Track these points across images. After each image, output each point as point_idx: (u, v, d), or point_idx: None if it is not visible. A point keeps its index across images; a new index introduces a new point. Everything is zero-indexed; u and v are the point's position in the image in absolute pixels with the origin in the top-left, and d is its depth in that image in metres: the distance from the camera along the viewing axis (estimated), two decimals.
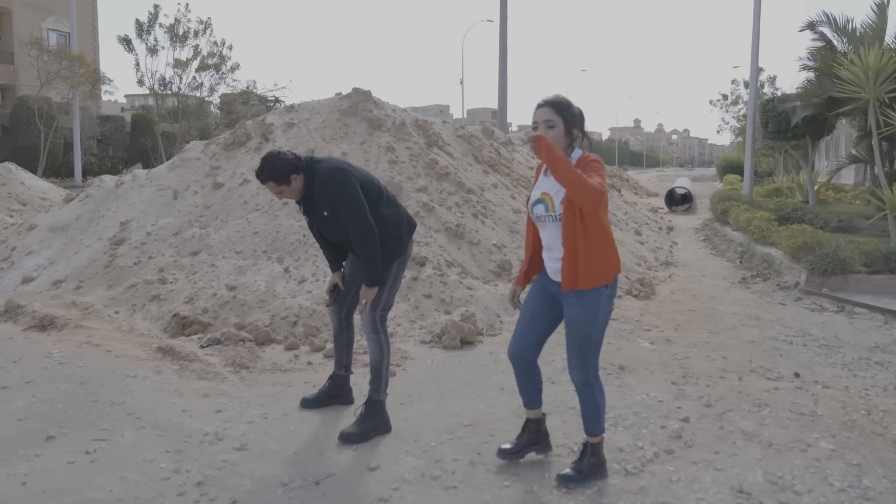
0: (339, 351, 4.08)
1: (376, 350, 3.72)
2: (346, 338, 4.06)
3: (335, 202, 3.55)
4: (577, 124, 3.05)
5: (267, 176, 3.58)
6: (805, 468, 3.29)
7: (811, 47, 13.12)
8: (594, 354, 3.10)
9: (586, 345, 3.06)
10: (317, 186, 3.59)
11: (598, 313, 3.01)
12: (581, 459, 3.19)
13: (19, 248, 7.81)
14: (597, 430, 3.17)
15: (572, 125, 3.03)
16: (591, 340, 3.06)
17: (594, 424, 3.16)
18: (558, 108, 3.02)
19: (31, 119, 26.67)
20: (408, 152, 8.32)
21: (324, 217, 3.68)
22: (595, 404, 3.14)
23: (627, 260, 8.79)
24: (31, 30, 30.34)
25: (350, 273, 3.94)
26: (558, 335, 5.63)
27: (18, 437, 3.59)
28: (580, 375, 3.12)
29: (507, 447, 3.35)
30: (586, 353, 3.08)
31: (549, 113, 3.01)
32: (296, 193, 3.66)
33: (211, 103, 34.21)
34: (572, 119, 3.04)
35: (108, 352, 5.03)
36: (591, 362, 3.10)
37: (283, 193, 3.67)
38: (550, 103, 3.03)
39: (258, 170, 3.62)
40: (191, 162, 8.67)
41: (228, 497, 3.01)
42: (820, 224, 10.41)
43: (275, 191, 3.65)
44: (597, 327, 3.04)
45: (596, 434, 3.17)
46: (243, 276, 6.18)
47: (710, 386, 4.45)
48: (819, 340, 5.61)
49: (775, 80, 35.00)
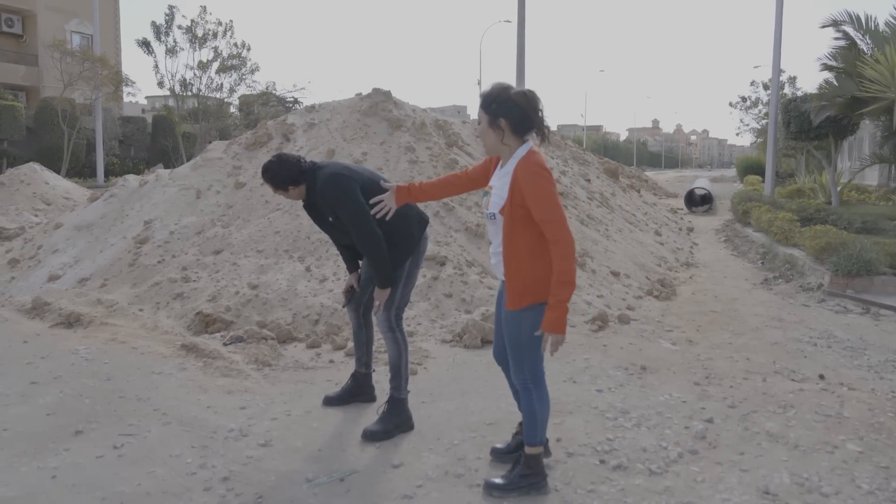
0: (360, 349, 4.11)
1: (393, 349, 3.74)
2: (365, 336, 4.08)
3: (336, 207, 3.57)
4: (500, 113, 2.79)
5: (267, 178, 3.71)
6: (832, 470, 3.25)
7: (834, 46, 12.99)
8: (529, 359, 2.91)
9: (517, 348, 2.91)
10: (318, 193, 3.63)
11: (523, 318, 2.85)
12: (513, 468, 3.04)
13: (45, 247, 7.93)
14: (532, 439, 2.98)
15: (496, 116, 2.80)
16: (521, 344, 2.89)
17: (530, 433, 2.98)
18: (482, 102, 2.83)
19: (54, 120, 27.06)
20: (428, 152, 8.34)
21: (329, 222, 3.73)
22: (531, 412, 2.96)
23: (647, 260, 8.75)
24: (55, 32, 30.79)
25: (366, 272, 3.96)
26: (579, 336, 5.62)
27: (48, 431, 3.65)
28: (517, 378, 2.98)
29: (498, 447, 3.34)
30: (518, 357, 2.92)
31: (479, 112, 2.85)
32: (297, 197, 3.74)
33: (230, 104, 34.54)
34: (493, 110, 2.80)
35: (134, 349, 5.10)
36: (527, 367, 2.92)
37: (283, 195, 3.77)
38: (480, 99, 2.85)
39: (262, 168, 3.73)
40: (213, 162, 8.75)
41: (254, 492, 3.04)
42: (843, 225, 10.28)
43: (274, 192, 3.78)
44: (524, 330, 2.86)
45: (531, 444, 2.98)
46: (265, 275, 6.23)
47: (733, 387, 4.41)
48: (844, 342, 5.54)
49: (795, 81, 34.70)
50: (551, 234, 2.72)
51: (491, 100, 2.82)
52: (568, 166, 12.89)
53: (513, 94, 2.80)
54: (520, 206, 2.76)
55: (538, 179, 2.73)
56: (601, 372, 4.68)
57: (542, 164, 2.79)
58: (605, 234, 9.00)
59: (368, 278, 3.91)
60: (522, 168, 2.76)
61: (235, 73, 32.00)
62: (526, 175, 2.74)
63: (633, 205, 13.36)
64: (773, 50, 16.41)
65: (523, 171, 2.75)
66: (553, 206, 2.72)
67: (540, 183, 2.72)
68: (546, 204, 2.71)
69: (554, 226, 2.71)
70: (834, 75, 12.90)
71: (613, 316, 6.12)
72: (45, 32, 31.65)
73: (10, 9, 32.02)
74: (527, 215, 2.76)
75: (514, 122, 2.80)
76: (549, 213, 2.71)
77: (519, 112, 2.79)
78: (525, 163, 2.78)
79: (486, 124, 2.84)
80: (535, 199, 2.72)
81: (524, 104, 2.80)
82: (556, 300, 2.71)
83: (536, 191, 2.72)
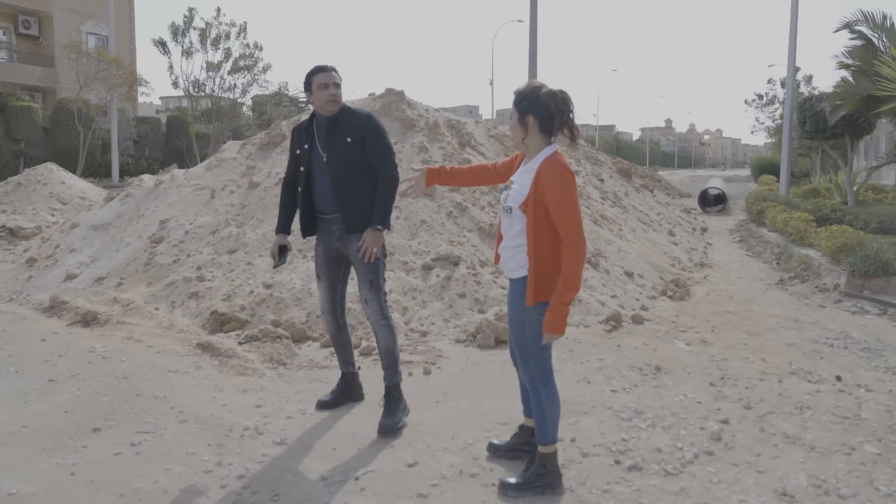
0: (344, 350, 4.10)
1: (388, 336, 3.80)
2: (345, 336, 4.09)
3: (373, 136, 3.77)
4: (530, 111, 2.85)
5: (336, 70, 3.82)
6: (849, 472, 3.23)
7: (849, 46, 12.87)
8: (535, 358, 2.95)
9: (522, 346, 2.97)
10: (353, 116, 3.79)
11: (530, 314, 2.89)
12: (528, 468, 3.06)
13: (63, 246, 8.01)
14: (544, 438, 2.99)
15: (525, 113, 2.86)
16: (527, 341, 2.94)
17: (542, 433, 3.00)
18: (515, 99, 2.91)
19: (70, 121, 27.29)
20: (441, 152, 8.35)
21: (345, 143, 3.75)
22: (540, 411, 2.98)
23: (661, 261, 8.71)
24: (71, 34, 31.06)
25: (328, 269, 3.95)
26: (593, 336, 5.60)
27: (66, 428, 3.70)
28: (525, 377, 3.03)
29: (495, 442, 3.37)
30: (525, 356, 2.98)
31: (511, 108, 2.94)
32: (337, 101, 3.78)
33: (243, 104, 34.72)
34: (523, 107, 2.87)
35: (150, 347, 5.14)
36: (534, 366, 2.96)
37: (336, 95, 3.77)
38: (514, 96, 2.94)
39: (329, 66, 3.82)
40: (227, 162, 8.80)
41: (270, 490, 3.06)
42: (860, 225, 10.19)
43: (334, 83, 3.76)
44: (529, 330, 2.91)
45: (544, 443, 3.00)
46: (279, 275, 6.26)
47: (749, 388, 4.39)
48: (861, 343, 5.49)
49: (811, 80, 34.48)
50: (567, 235, 2.76)
51: (522, 97, 2.88)
52: (581, 166, 12.86)
53: (543, 94, 2.84)
54: (542, 205, 2.80)
55: (561, 180, 2.77)
56: (615, 372, 4.67)
57: (566, 165, 2.83)
58: (618, 234, 8.97)
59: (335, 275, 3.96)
60: (547, 167, 2.80)
61: (248, 73, 32.17)
62: (550, 174, 2.78)
63: (647, 205, 13.31)
64: (788, 48, 16.29)
65: (548, 171, 2.79)
66: (572, 209, 2.75)
67: (562, 183, 2.76)
68: (565, 205, 2.75)
69: (570, 228, 2.75)
70: (850, 73, 12.78)
71: (627, 316, 6.11)
72: (61, 34, 31.92)
73: (27, 10, 32.32)
74: (547, 215, 2.80)
75: (542, 120, 2.84)
76: (568, 214, 2.75)
77: (547, 112, 2.84)
78: (550, 162, 2.82)
79: (516, 120, 2.90)
80: (556, 199, 2.76)
81: (552, 104, 2.83)
82: (558, 302, 2.77)
83: (558, 191, 2.75)
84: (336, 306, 4.02)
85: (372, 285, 3.80)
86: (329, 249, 3.93)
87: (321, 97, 3.76)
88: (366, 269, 3.79)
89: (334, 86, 3.77)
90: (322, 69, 3.80)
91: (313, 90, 3.79)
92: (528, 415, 3.33)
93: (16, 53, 32.70)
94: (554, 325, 2.77)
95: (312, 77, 3.79)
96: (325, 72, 3.79)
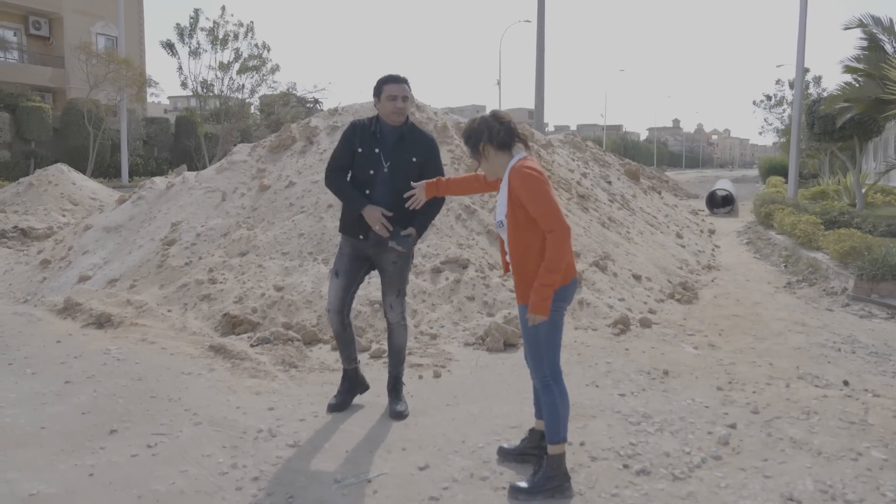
0: (349, 348, 4.19)
1: (405, 336, 4.14)
2: (349, 334, 4.19)
3: (435, 160, 4.00)
4: (480, 140, 3.12)
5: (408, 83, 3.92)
6: (856, 477, 3.26)
7: (858, 48, 12.86)
8: (547, 356, 3.08)
9: (534, 346, 3.07)
10: (418, 135, 3.98)
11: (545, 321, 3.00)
12: (537, 471, 3.13)
13: (76, 248, 8.11)
14: (555, 437, 3.09)
15: (476, 144, 3.13)
16: (538, 342, 3.05)
17: (553, 431, 3.09)
18: (464, 142, 3.20)
19: (80, 121, 27.51)
20: (450, 155, 8.40)
21: (410, 162, 3.91)
22: (553, 409, 3.09)
23: (669, 263, 8.74)
24: (81, 35, 31.29)
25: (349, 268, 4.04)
26: (601, 339, 5.64)
27: (84, 429, 3.76)
28: (537, 377, 3.14)
29: (505, 446, 3.44)
30: (537, 355, 3.08)
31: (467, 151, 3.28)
32: (403, 114, 3.90)
33: (251, 105, 34.86)
34: (473, 141, 3.14)
35: (163, 349, 5.21)
36: (546, 363, 3.09)
37: (403, 108, 3.88)
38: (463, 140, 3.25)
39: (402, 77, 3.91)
40: (238, 164, 8.88)
41: (285, 492, 3.12)
42: (868, 228, 10.18)
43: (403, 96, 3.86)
44: (540, 330, 3.03)
45: (555, 441, 3.09)
46: (290, 277, 6.32)
47: (756, 392, 4.42)
48: (868, 348, 5.52)
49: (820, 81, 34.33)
50: (547, 224, 2.94)
51: (468, 135, 3.18)
52: (589, 168, 12.89)
53: (478, 122, 3.16)
54: (520, 206, 3.01)
55: (529, 179, 2.98)
56: (623, 376, 4.71)
57: (532, 166, 3.03)
58: (626, 236, 9.00)
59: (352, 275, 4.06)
60: (514, 172, 3.03)
61: (256, 73, 32.30)
62: (518, 177, 3.00)
63: (654, 207, 13.33)
64: (796, 49, 16.25)
65: (515, 175, 3.02)
66: (546, 199, 2.95)
67: (531, 181, 2.97)
68: (539, 198, 2.95)
69: (549, 217, 2.93)
70: (858, 77, 12.77)
71: (635, 319, 6.14)
72: (71, 35, 32.14)
73: (38, 12, 32.55)
74: (528, 215, 2.99)
75: (492, 139, 3.11)
76: (543, 206, 2.94)
77: (489, 131, 3.11)
78: (516, 168, 3.04)
79: (473, 156, 3.18)
80: (529, 196, 2.96)
81: (492, 122, 3.12)
82: (540, 284, 2.93)
83: (529, 188, 2.96)
84: (345, 307, 4.10)
85: (399, 292, 4.06)
86: (357, 250, 4.01)
87: (388, 107, 3.86)
88: (397, 277, 4.03)
89: (402, 99, 3.86)
90: (394, 79, 3.88)
91: (382, 99, 3.87)
92: (539, 417, 3.38)
93: (26, 54, 32.94)
94: (536, 307, 2.93)
95: (384, 86, 3.87)
96: (396, 83, 3.86)
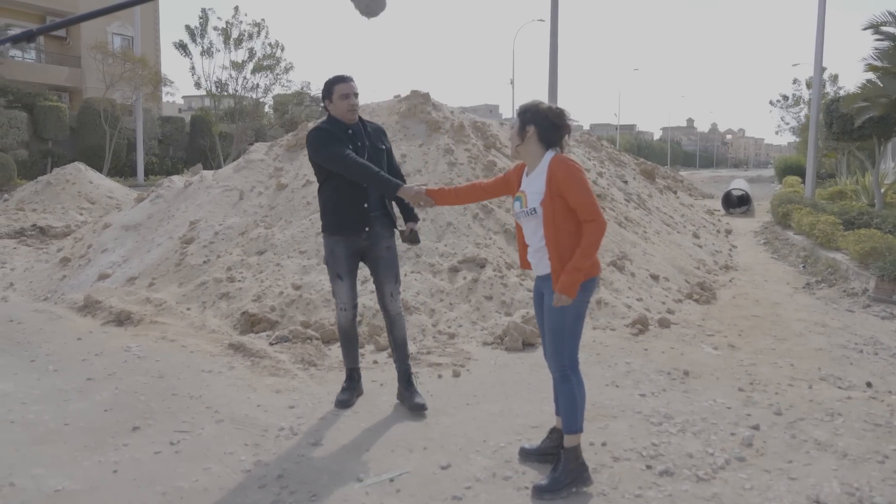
0: (354, 347, 4.27)
1: (405, 326, 4.22)
2: (356, 333, 4.28)
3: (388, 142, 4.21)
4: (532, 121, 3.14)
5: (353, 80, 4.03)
6: (883, 480, 3.23)
7: (877, 47, 12.70)
8: (569, 346, 3.12)
9: (559, 334, 3.10)
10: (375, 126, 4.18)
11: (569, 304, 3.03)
12: (556, 467, 3.14)
13: (95, 246, 8.17)
14: (573, 427, 3.14)
15: (526, 123, 3.16)
16: (563, 330, 3.09)
17: (571, 421, 3.14)
18: (518, 111, 3.22)
19: (96, 120, 27.72)
20: (466, 154, 8.40)
21: (381, 150, 4.08)
22: (572, 398, 3.13)
23: (686, 263, 8.68)
24: (97, 34, 31.48)
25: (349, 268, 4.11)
26: (619, 339, 5.61)
27: (107, 426, 3.79)
28: (556, 367, 3.16)
29: (527, 447, 3.44)
30: (560, 344, 3.11)
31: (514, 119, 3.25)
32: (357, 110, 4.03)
33: (265, 104, 34.96)
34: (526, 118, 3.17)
35: (183, 347, 5.24)
36: (567, 354, 3.12)
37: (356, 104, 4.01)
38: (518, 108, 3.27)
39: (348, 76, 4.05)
40: (255, 163, 8.91)
41: (308, 491, 3.12)
42: (888, 228, 10.06)
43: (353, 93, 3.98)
44: (567, 317, 3.07)
45: (572, 431, 3.14)
46: (308, 276, 6.34)
47: (779, 394, 4.38)
48: (891, 349, 5.45)
49: (837, 79, 33.99)
50: (586, 214, 3.00)
51: (525, 109, 3.20)
52: (605, 167, 12.84)
53: (543, 107, 3.17)
54: (558, 195, 3.04)
55: (573, 170, 3.05)
56: (643, 376, 4.68)
57: (575, 161, 3.11)
58: (643, 236, 8.96)
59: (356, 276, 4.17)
60: (557, 163, 3.08)
61: (270, 72, 32.37)
62: (561, 167, 3.05)
63: (671, 206, 13.26)
64: (814, 47, 16.09)
65: (558, 165, 3.07)
66: (587, 192, 3.02)
67: (574, 173, 3.04)
68: (581, 189, 3.02)
69: (588, 208, 3.00)
70: (878, 76, 12.62)
71: (653, 319, 6.11)
72: (87, 35, 32.37)
73: (54, 12, 32.82)
74: (566, 205, 3.04)
75: (541, 130, 3.14)
76: (584, 197, 3.01)
77: (547, 122, 3.14)
78: (558, 159, 3.10)
79: (517, 129, 3.20)
80: (570, 186, 3.02)
81: (552, 117, 3.15)
82: (573, 266, 2.98)
83: (571, 179, 3.02)
84: (356, 302, 4.17)
85: (397, 279, 4.12)
86: (352, 248, 4.06)
87: (343, 106, 3.97)
88: (393, 261, 4.10)
89: (354, 95, 3.98)
90: (342, 79, 4.00)
91: (334, 99, 3.99)
92: (559, 413, 3.37)
93: (44, 54, 33.28)
94: (565, 287, 2.97)
95: (334, 86, 3.98)
96: (345, 82, 3.99)
